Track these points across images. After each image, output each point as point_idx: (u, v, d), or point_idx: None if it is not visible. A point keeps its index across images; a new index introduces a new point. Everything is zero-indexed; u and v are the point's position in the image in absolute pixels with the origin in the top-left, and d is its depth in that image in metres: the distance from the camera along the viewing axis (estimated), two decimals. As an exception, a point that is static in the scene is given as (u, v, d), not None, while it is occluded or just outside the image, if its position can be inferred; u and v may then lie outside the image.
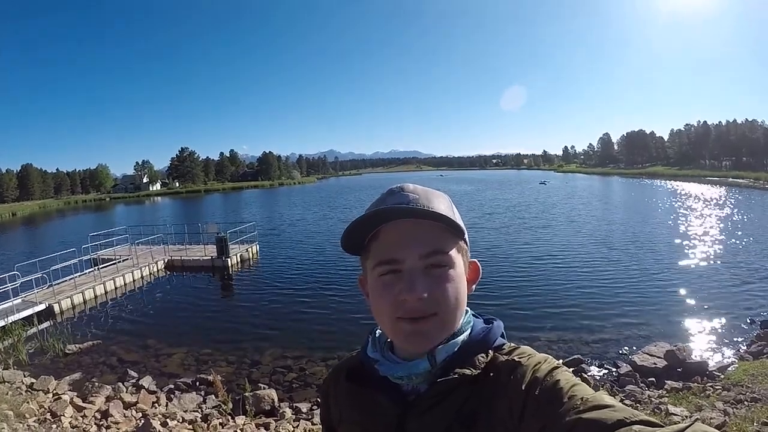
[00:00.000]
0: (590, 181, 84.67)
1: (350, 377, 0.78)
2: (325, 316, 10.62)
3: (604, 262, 14.92)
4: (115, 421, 5.68)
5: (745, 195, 42.32)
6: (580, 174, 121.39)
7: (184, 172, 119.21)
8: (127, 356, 8.82)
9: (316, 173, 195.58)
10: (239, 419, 5.85)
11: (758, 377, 5.85)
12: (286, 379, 7.62)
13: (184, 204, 65.93)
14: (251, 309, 11.81)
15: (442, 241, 0.67)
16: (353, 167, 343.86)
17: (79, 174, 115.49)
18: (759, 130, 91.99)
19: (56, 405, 5.94)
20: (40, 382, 7.08)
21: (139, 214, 51.96)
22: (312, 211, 39.09)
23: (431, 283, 0.65)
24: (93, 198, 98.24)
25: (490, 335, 0.71)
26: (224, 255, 16.24)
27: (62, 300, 12.08)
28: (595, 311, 10.07)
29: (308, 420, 5.96)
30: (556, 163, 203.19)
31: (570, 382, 0.59)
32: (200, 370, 8.02)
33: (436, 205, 0.68)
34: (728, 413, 4.73)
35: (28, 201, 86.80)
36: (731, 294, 11.12)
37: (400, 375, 0.69)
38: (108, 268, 14.80)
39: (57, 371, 8.03)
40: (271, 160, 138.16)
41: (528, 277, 13.27)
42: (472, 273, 0.75)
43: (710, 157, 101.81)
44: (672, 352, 7.26)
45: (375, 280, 0.69)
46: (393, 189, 0.71)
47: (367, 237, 0.70)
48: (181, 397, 6.85)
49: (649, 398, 5.95)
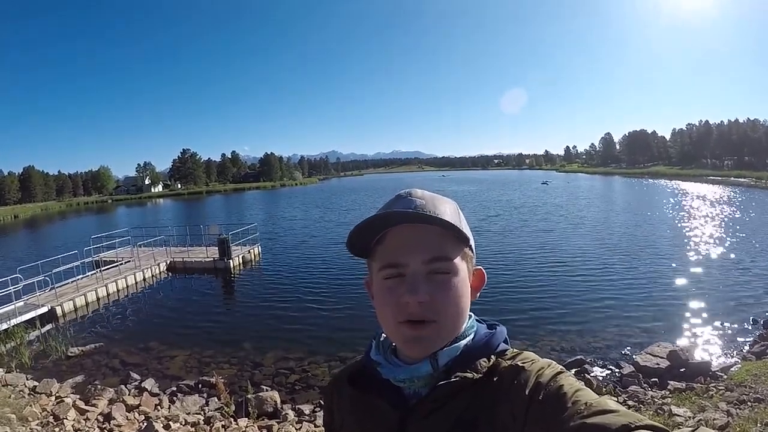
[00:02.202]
0: (592, 181, 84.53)
1: (353, 381, 0.78)
2: (327, 318, 10.62)
3: (606, 263, 14.88)
4: (118, 424, 5.69)
5: (747, 195, 42.19)
6: (582, 174, 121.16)
7: (185, 174, 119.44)
8: (129, 359, 8.82)
9: (318, 174, 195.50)
10: (242, 421, 5.85)
11: (761, 377, 5.82)
12: (288, 381, 7.61)
13: (186, 205, 66.05)
14: (253, 310, 11.83)
15: (446, 247, 0.68)
16: (355, 168, 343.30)
17: (81, 176, 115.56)
18: (761, 129, 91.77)
19: (59, 408, 5.95)
20: (43, 385, 7.08)
21: (141, 215, 52.06)
22: (313, 213, 39.07)
23: (433, 289, 0.66)
24: (95, 200, 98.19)
25: (493, 340, 0.72)
26: (226, 257, 16.25)
27: (64, 302, 12.10)
28: (598, 312, 10.05)
29: (311, 422, 5.95)
30: (558, 163, 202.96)
31: (574, 387, 0.59)
32: (202, 372, 8.02)
33: (442, 211, 0.68)
34: (731, 414, 4.71)
35: (30, 203, 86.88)
36: (734, 294, 11.08)
37: (402, 378, 0.70)
38: (110, 271, 14.84)
39: (59, 374, 8.03)
40: (273, 161, 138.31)
41: (530, 277, 13.24)
42: (477, 280, 0.75)
43: (712, 157, 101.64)
44: (675, 353, 7.24)
45: (379, 283, 0.70)
46: (401, 194, 0.72)
47: (374, 240, 0.70)
48: (183, 400, 6.85)
49: (652, 399, 5.93)
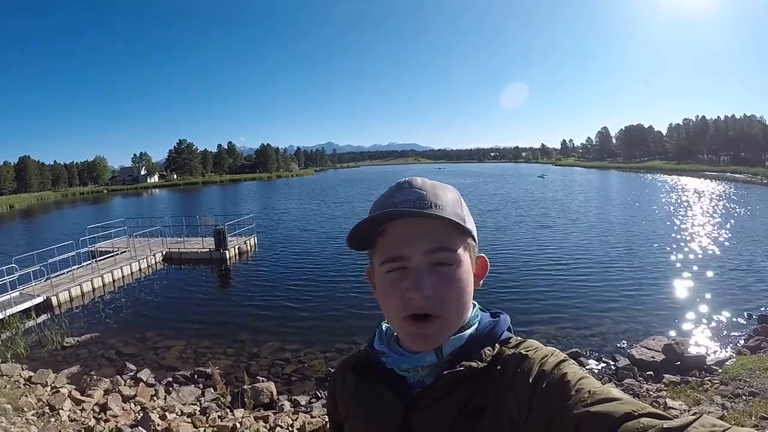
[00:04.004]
0: (588, 175, 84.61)
1: (357, 369, 0.78)
2: (323, 308, 10.63)
3: (602, 256, 14.96)
4: (114, 415, 5.67)
5: (743, 190, 42.37)
6: (578, 168, 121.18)
7: (182, 164, 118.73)
8: (125, 349, 8.81)
9: (314, 165, 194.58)
10: (238, 412, 5.85)
11: (756, 371, 5.88)
12: (284, 372, 7.63)
13: (182, 196, 65.79)
14: (249, 301, 11.81)
15: (448, 238, 0.67)
16: (351, 159, 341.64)
17: (77, 166, 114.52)
18: (757, 125, 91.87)
19: (54, 398, 5.94)
20: (38, 375, 7.07)
21: (136, 206, 51.84)
22: (310, 204, 39.01)
23: (437, 282, 0.66)
24: (91, 190, 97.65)
25: (497, 329, 0.72)
26: (222, 247, 16.20)
27: (60, 293, 12.05)
28: (593, 305, 10.11)
29: (307, 413, 5.97)
30: (555, 157, 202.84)
31: (577, 375, 0.59)
32: (198, 362, 8.03)
33: (444, 201, 0.68)
34: (726, 407, 4.75)
35: (26, 193, 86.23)
36: (729, 288, 11.16)
37: (407, 367, 0.70)
38: (106, 261, 14.76)
39: (55, 364, 8.01)
40: (269, 152, 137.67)
41: (526, 271, 13.28)
42: (480, 268, 0.75)
43: (708, 152, 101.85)
44: (670, 346, 7.29)
45: (382, 277, 0.69)
46: (401, 183, 0.71)
47: (374, 233, 0.70)
48: (179, 390, 6.86)
49: (647, 392, 5.97)
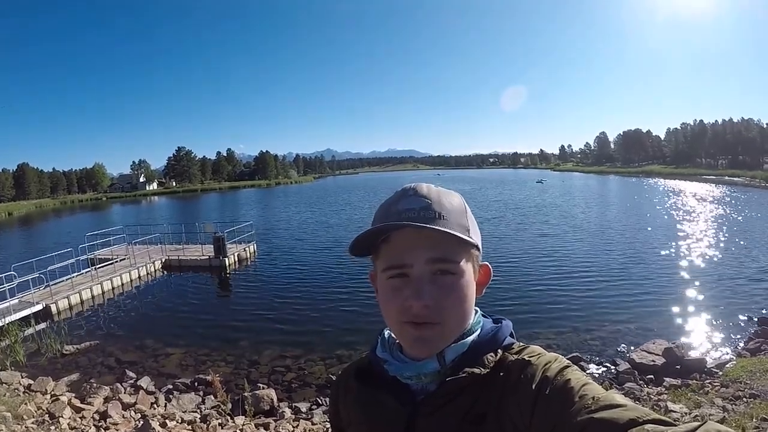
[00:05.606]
0: (587, 180, 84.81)
1: (359, 376, 0.78)
2: (323, 315, 10.60)
3: (601, 260, 14.96)
4: (114, 422, 5.66)
5: (741, 193, 42.51)
6: (576, 173, 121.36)
7: (180, 172, 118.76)
8: (125, 357, 8.78)
9: (313, 172, 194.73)
10: (238, 419, 5.83)
11: (756, 374, 5.89)
12: (285, 379, 7.60)
13: (181, 203, 65.65)
14: (249, 308, 11.77)
15: (451, 248, 0.67)
16: (350, 166, 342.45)
17: (76, 173, 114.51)
18: (755, 129, 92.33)
19: (54, 406, 5.92)
20: (38, 383, 7.04)
21: (135, 213, 51.71)
22: (309, 211, 38.99)
23: (438, 291, 0.66)
24: (89, 197, 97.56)
25: (499, 334, 0.72)
26: (221, 255, 16.17)
27: (59, 300, 12.02)
28: (593, 309, 10.10)
29: (308, 420, 5.95)
30: (553, 162, 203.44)
31: (581, 381, 0.59)
32: (198, 370, 7.99)
33: (449, 210, 0.67)
34: (727, 410, 4.75)
35: (25, 201, 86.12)
36: (729, 291, 11.17)
37: (409, 374, 0.70)
38: (105, 268, 14.75)
39: (55, 372, 7.98)
40: (268, 159, 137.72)
41: (527, 276, 13.26)
42: (483, 276, 0.75)
43: (706, 156, 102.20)
44: (670, 350, 7.29)
45: (384, 282, 0.70)
46: (407, 189, 0.71)
47: (378, 239, 0.70)
48: (179, 398, 6.83)
49: (648, 395, 5.97)
